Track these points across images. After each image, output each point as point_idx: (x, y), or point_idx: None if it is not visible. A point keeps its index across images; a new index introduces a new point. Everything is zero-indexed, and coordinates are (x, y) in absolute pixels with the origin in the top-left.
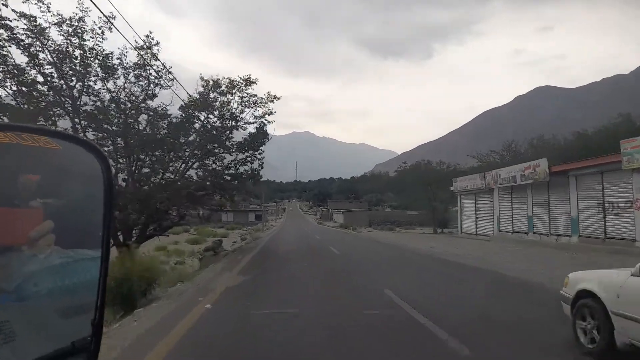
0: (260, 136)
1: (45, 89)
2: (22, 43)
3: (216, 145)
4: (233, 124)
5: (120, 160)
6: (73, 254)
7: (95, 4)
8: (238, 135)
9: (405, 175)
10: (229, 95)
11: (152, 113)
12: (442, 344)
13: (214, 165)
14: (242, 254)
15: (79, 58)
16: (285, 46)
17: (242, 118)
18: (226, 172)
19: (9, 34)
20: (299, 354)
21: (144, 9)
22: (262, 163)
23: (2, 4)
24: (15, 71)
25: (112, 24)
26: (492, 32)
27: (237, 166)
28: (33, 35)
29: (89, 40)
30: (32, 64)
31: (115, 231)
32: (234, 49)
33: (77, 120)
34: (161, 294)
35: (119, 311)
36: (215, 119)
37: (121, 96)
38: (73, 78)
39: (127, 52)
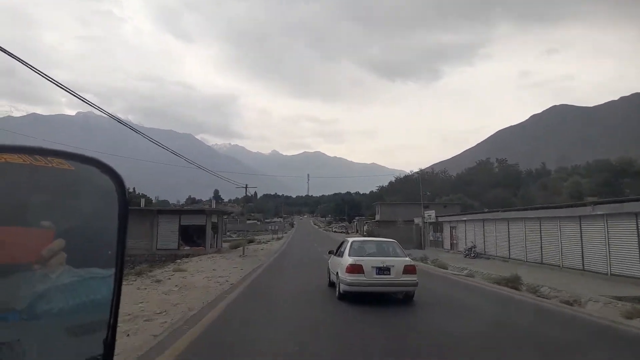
0: None
1: None
2: None
3: None
4: None
5: None
6: (84, 273)
7: None
8: None
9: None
10: None
11: None
12: None
13: None
14: None
15: None
16: (292, 67)
17: None
18: None
19: None
20: None
21: (158, 35)
22: None
23: None
24: None
25: None
26: (498, 55)
27: None
28: None
29: None
30: None
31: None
32: (242, 71)
33: None
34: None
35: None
36: None
37: None
38: None
39: None
